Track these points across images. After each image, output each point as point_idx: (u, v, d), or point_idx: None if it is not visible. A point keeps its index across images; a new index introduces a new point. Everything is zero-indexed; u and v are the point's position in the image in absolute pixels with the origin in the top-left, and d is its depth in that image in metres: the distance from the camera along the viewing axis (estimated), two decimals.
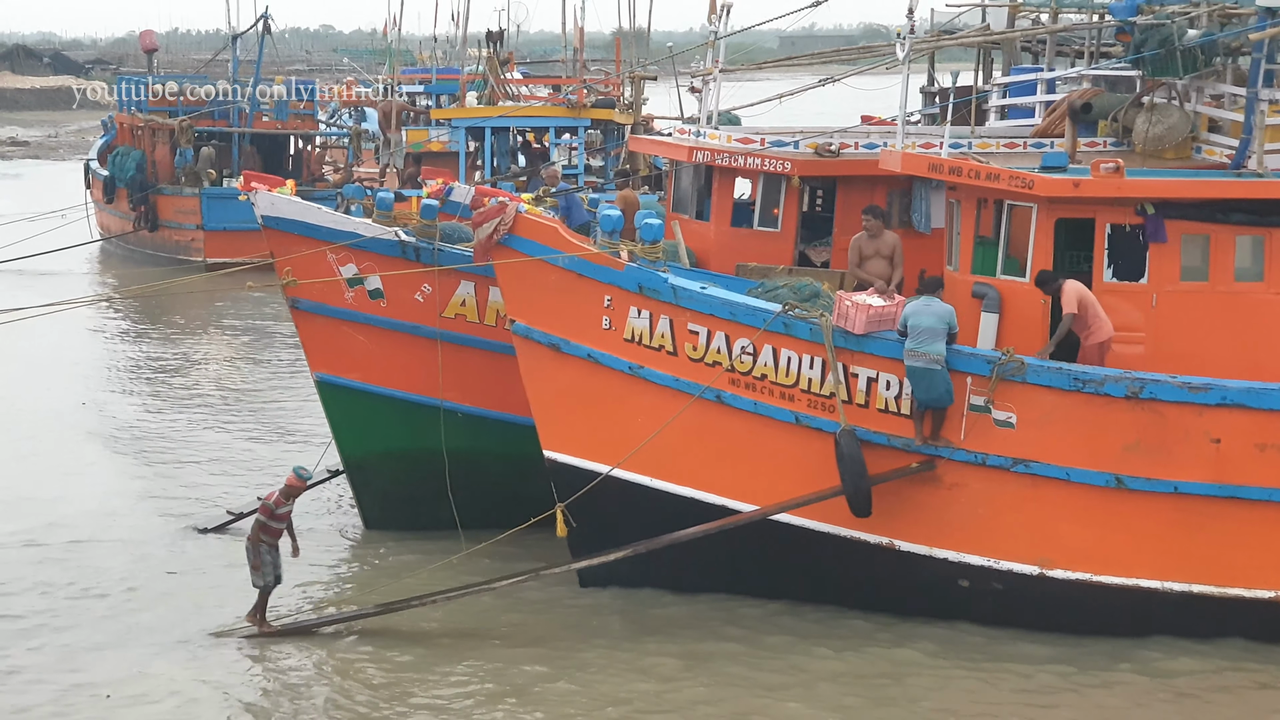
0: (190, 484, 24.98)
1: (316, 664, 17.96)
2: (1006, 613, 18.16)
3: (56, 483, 24.81)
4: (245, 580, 18.88)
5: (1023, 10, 27.91)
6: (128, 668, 17.73)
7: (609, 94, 45.26)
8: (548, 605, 19.47)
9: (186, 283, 36.93)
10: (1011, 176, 18.41)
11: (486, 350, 21.32)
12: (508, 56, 50.76)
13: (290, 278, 21.42)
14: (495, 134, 41.08)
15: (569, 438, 19.51)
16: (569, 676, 17.49)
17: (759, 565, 19.06)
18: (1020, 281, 18.71)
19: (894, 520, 18.14)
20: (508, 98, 43.62)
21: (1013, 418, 17.64)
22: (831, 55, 27.85)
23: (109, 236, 52.34)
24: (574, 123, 40.41)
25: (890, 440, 17.97)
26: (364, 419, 22.02)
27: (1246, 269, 18.66)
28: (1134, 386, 17.37)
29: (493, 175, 39.57)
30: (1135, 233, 18.52)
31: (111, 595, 19.93)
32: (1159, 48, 20.99)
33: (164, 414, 30.03)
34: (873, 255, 20.34)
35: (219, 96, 50.20)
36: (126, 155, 50.41)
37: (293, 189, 22.07)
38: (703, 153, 22.44)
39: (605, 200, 26.90)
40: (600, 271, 18.97)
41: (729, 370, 18.54)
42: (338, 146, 56.34)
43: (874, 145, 22.11)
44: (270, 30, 48.47)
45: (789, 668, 17.59)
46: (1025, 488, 17.77)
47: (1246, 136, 20.34)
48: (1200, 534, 17.63)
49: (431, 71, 58.50)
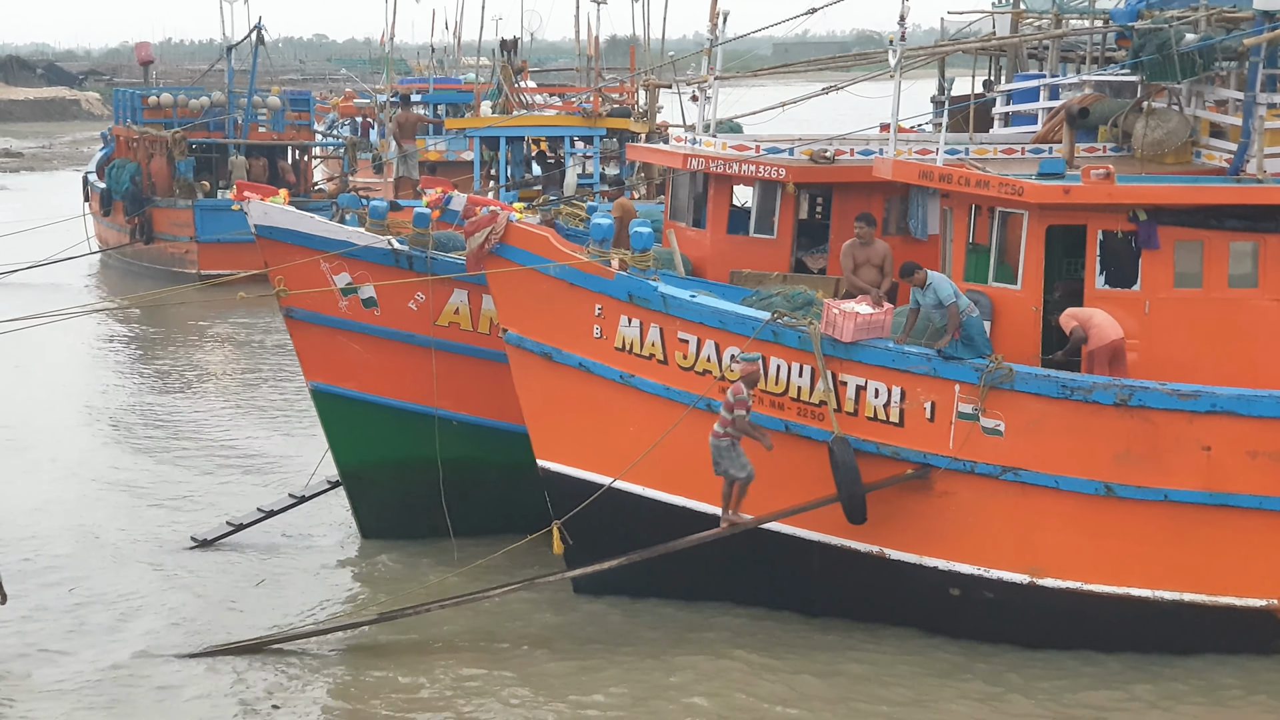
0: (188, 495, 25.56)
1: (309, 674, 18.51)
2: (997, 622, 18.59)
3: (50, 494, 25.38)
4: (244, 591, 19.36)
5: (1026, 17, 28.49)
6: (125, 681, 18.24)
7: (624, 102, 45.75)
8: (544, 612, 20.09)
9: (179, 294, 37.52)
10: (1001, 183, 18.91)
11: (480, 358, 21.90)
12: (521, 65, 51.35)
13: (282, 287, 22.02)
14: (510, 144, 41.62)
15: (562, 447, 20.09)
16: (559, 683, 18.07)
17: (750, 574, 19.55)
18: (1012, 289, 19.21)
19: (884, 528, 18.60)
20: (522, 107, 44.10)
21: (1001, 425, 18.06)
22: (828, 62, 28.46)
23: (105, 249, 53.06)
24: (589, 131, 40.87)
25: (879, 448, 18.46)
26: (359, 428, 22.61)
27: (1240, 275, 19.06)
28: (1123, 394, 17.79)
29: (506, 184, 40.06)
30: (1127, 239, 18.97)
31: (106, 607, 20.46)
32: (1157, 52, 21.46)
33: (160, 426, 30.68)
34: (864, 263, 20.86)
35: (214, 108, 50.95)
36: (122, 168, 51.19)
37: (286, 198, 22.68)
38: (697, 160, 23.01)
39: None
40: (591, 280, 19.54)
41: (719, 379, 19.06)
42: (334, 157, 57.03)
43: (869, 152, 22.63)
44: (264, 41, 49.16)
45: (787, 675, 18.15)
46: (1014, 496, 18.18)
47: (1244, 141, 20.70)
48: (1191, 542, 18.01)
49: (428, 81, 59.18)
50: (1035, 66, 29.94)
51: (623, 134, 41.85)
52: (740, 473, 18.59)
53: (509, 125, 41.28)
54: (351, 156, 51.63)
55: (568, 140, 40.80)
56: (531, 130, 41.82)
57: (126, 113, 53.98)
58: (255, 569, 21.97)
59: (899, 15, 20.15)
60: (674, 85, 35.48)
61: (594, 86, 46.19)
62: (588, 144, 41.63)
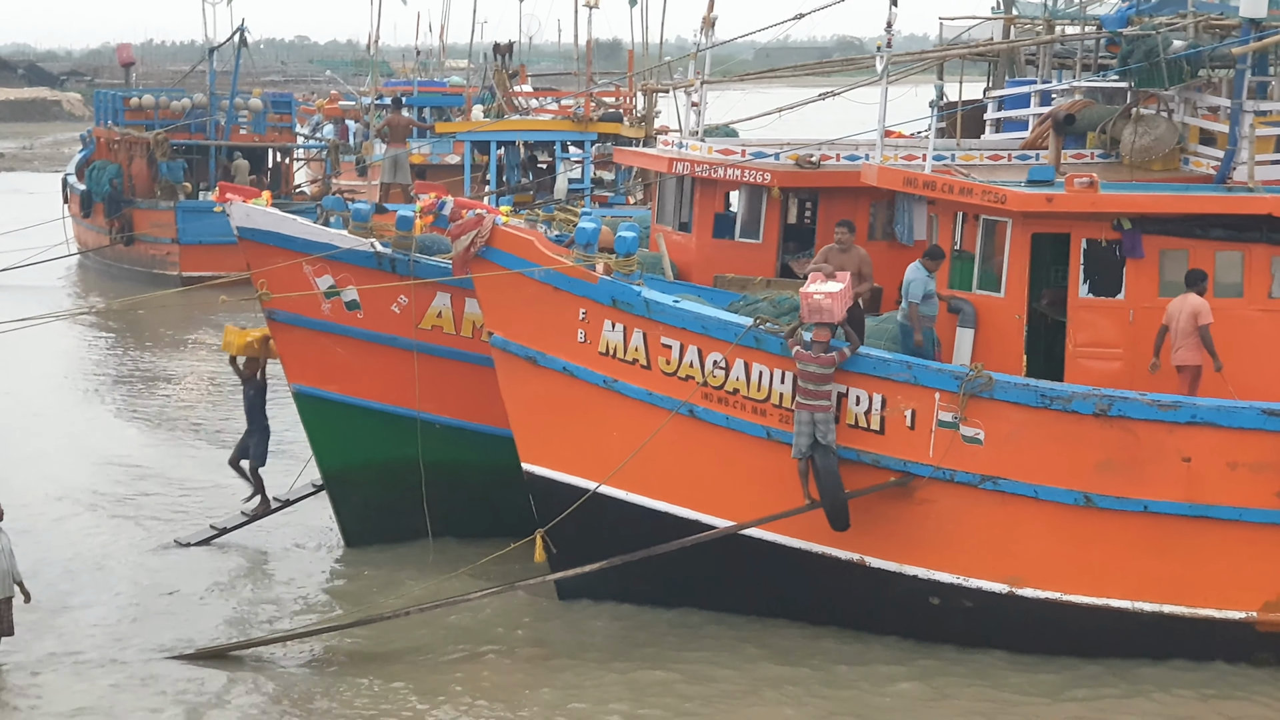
0: (171, 498, 25.98)
1: (287, 677, 18.97)
2: (977, 631, 19.00)
3: (31, 496, 25.55)
4: (225, 595, 19.77)
5: (1019, 23, 29.01)
6: (104, 686, 18.64)
7: (616, 107, 46.18)
8: (525, 617, 20.53)
9: (160, 298, 38.05)
10: (985, 191, 19.38)
11: (463, 361, 22.37)
12: (517, 69, 51.81)
13: (264, 291, 22.48)
14: (504, 148, 42.08)
15: (547, 451, 20.52)
16: (545, 689, 18.53)
17: (732, 581, 19.96)
18: (996, 296, 19.70)
19: (865, 536, 18.97)
20: (515, 111, 44.52)
21: (981, 434, 18.44)
22: (815, 68, 28.97)
23: (85, 251, 53.58)
24: (580, 136, 41.30)
25: (860, 456, 18.84)
26: (342, 431, 23.06)
27: (1226, 284, 19.48)
28: (1102, 404, 18.15)
29: (498, 189, 40.49)
30: (1112, 248, 19.43)
31: (87, 610, 20.87)
32: (1145, 59, 21.91)
33: (141, 429, 31.17)
34: (839, 269, 21.14)
35: (196, 110, 51.52)
36: (102, 169, 51.74)
37: (268, 200, 23.15)
38: (683, 164, 23.52)
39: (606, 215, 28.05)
40: (575, 285, 19.97)
41: (702, 385, 19.50)
42: (316, 160, 57.56)
43: (855, 157, 23.12)
44: (247, 43, 49.72)
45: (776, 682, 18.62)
46: (994, 505, 18.53)
47: (1231, 149, 21.14)
48: (1171, 553, 18.36)
49: (413, 84, 59.63)
50: (1032, 72, 30.43)
51: (617, 139, 42.30)
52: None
53: (500, 129, 41.74)
54: (334, 159, 52.20)
55: (558, 145, 41.25)
56: (522, 135, 42.27)
57: (108, 114, 54.59)
58: (238, 572, 22.47)
59: (886, 22, 20.64)
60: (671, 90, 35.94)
61: (586, 91, 46.58)
62: (580, 149, 42.10)
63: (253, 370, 23.71)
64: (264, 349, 23.48)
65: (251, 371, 23.71)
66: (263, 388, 23.82)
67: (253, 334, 23.56)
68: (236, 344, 23.53)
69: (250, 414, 23.79)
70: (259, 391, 23.77)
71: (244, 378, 23.79)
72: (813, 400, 18.58)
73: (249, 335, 23.53)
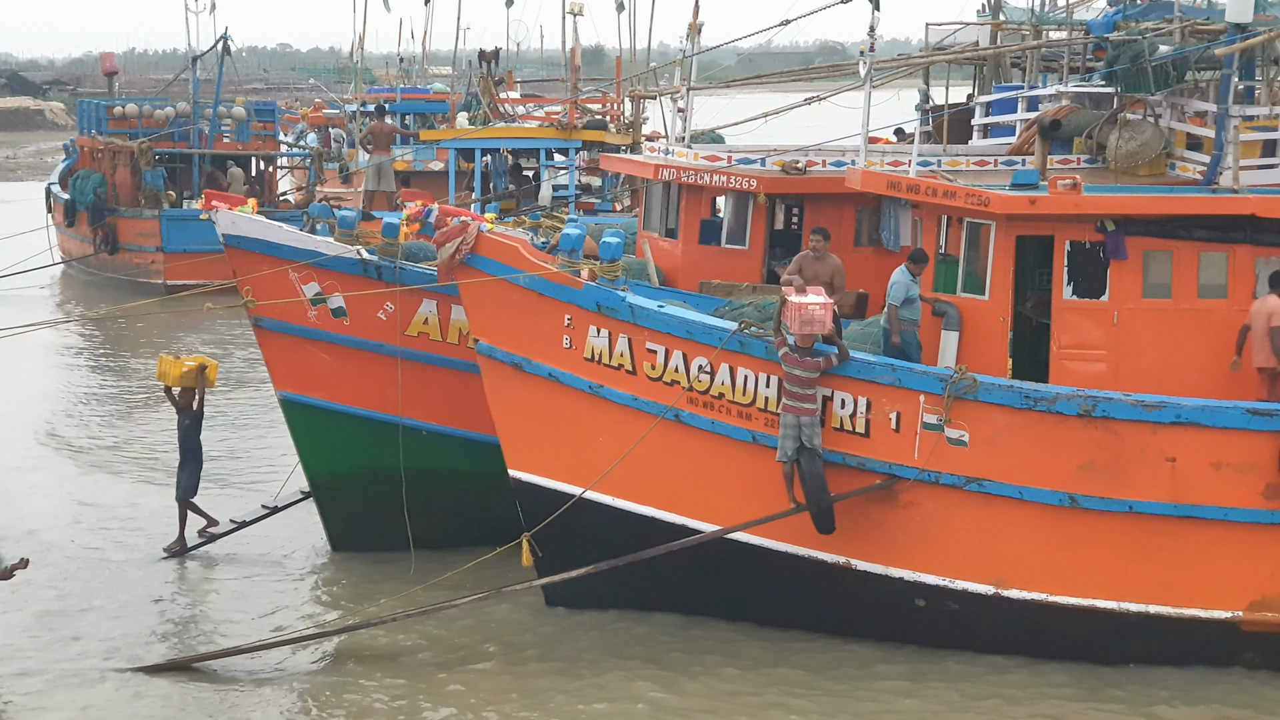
0: (158, 506, 25.83)
1: (273, 686, 19.10)
2: (963, 633, 19.20)
3: (14, 509, 25.79)
4: (213, 602, 19.96)
5: (1005, 27, 29.27)
6: (89, 692, 18.79)
7: (602, 114, 46.40)
8: (512, 624, 20.68)
9: (145, 307, 38.12)
10: (968, 194, 19.63)
11: (449, 368, 22.57)
12: (503, 76, 52.00)
13: (250, 299, 22.67)
14: (489, 155, 42.28)
15: (533, 457, 20.70)
16: (527, 696, 18.67)
17: (719, 585, 20.15)
18: (980, 299, 19.95)
19: (850, 539, 19.16)
20: (501, 118, 44.72)
21: (965, 436, 18.65)
22: (801, 73, 29.22)
23: (69, 260, 53.75)
24: (564, 144, 41.50)
25: (845, 459, 19.04)
26: (329, 438, 23.22)
27: (1210, 286, 19.74)
28: (1086, 405, 18.37)
29: (483, 196, 40.68)
30: (1095, 250, 19.68)
31: (73, 618, 21.00)
32: (1131, 64, 22.16)
33: (129, 438, 31.27)
34: (813, 279, 21.01)
35: (179, 118, 51.76)
36: (86, 179, 51.93)
37: (254, 208, 23.35)
38: (669, 170, 23.75)
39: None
40: (560, 291, 20.16)
41: (687, 389, 19.71)
42: (300, 167, 57.82)
43: (841, 163, 23.36)
44: (230, 51, 49.98)
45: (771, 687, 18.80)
46: (979, 506, 18.73)
47: (1218, 153, 21.38)
48: (1156, 554, 18.55)
49: (396, 91, 59.88)
50: (1018, 77, 30.71)
51: (603, 146, 42.51)
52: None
53: (484, 137, 41.92)
54: (318, 167, 52.45)
55: (542, 153, 41.47)
56: (506, 142, 42.46)
57: (91, 123, 54.73)
58: (225, 580, 22.65)
59: (869, 26, 20.88)
60: (658, 97, 36.19)
61: (570, 98, 46.84)
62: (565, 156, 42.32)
63: (188, 400, 23.72)
64: (200, 379, 23.59)
65: (186, 401, 23.71)
66: (199, 417, 23.86)
67: (188, 363, 23.68)
68: (172, 374, 23.55)
69: (184, 444, 23.79)
70: (195, 421, 23.80)
71: (179, 407, 23.80)
72: (799, 404, 18.80)
73: (184, 365, 23.63)
